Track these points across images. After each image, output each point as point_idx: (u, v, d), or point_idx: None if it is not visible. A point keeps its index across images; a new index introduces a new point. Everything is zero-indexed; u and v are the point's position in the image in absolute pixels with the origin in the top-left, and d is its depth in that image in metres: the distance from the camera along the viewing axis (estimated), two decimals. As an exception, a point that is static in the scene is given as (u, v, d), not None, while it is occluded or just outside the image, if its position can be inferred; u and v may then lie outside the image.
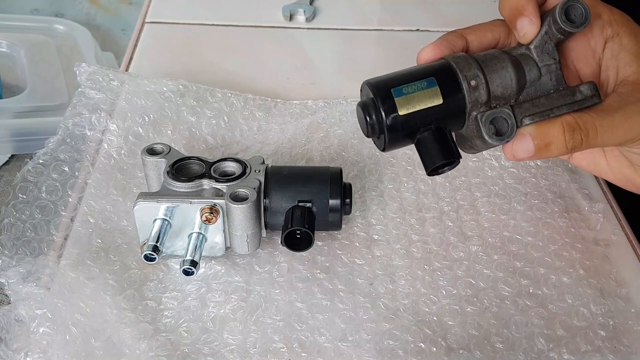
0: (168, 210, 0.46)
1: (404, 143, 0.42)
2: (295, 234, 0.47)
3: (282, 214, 0.48)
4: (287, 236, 0.47)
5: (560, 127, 0.41)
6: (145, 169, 0.50)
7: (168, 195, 0.46)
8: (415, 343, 0.44)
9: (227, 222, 0.46)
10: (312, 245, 0.47)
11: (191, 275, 0.44)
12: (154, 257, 0.44)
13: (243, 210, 0.45)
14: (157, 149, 0.50)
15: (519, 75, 0.42)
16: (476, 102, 0.42)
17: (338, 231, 0.51)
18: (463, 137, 0.44)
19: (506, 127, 0.42)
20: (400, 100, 0.41)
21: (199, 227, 0.46)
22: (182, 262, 0.44)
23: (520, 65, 0.43)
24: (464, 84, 0.41)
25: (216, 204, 0.45)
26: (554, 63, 0.43)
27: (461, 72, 0.41)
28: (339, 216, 0.49)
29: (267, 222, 0.49)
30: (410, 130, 0.41)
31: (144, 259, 0.44)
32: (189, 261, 0.44)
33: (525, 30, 0.43)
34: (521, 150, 0.42)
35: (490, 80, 0.42)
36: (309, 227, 0.46)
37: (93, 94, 0.61)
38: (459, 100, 0.41)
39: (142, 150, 0.49)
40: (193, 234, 0.46)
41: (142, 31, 0.77)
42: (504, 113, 0.42)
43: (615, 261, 0.52)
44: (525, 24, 0.43)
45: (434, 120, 0.41)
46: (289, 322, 0.45)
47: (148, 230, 0.45)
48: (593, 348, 0.45)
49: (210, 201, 0.45)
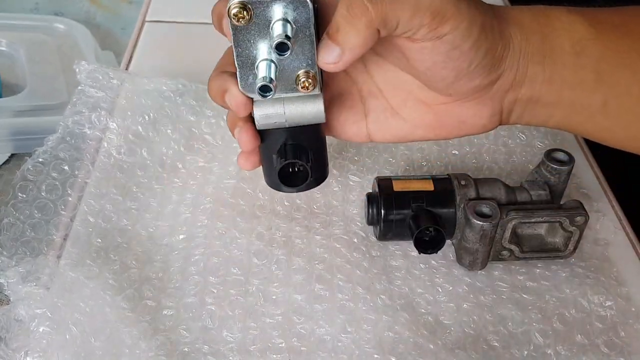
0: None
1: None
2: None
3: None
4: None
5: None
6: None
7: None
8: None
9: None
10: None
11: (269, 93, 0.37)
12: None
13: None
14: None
15: None
16: None
17: (338, 230, 0.52)
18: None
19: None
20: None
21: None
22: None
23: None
24: None
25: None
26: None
27: None
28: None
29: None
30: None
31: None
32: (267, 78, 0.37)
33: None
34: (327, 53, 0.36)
35: None
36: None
37: (93, 92, 0.61)
38: None
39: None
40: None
41: (142, 30, 0.77)
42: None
43: (615, 260, 0.52)
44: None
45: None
46: (287, 315, 0.45)
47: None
48: (592, 347, 0.45)
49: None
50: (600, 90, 0.40)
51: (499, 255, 0.48)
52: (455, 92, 0.40)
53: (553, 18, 0.40)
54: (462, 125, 0.43)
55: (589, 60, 0.40)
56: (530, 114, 0.42)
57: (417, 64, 0.39)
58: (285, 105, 0.39)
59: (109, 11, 1.87)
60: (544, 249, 0.49)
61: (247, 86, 0.38)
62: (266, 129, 0.40)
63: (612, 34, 0.40)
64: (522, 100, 0.41)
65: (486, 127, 0.43)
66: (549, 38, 0.40)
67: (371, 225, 0.50)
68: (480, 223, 0.45)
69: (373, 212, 0.49)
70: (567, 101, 0.41)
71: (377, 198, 0.48)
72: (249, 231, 0.51)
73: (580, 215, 0.47)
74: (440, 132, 0.43)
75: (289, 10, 0.36)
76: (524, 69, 0.40)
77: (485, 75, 0.39)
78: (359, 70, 0.43)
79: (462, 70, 0.38)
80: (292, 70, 0.38)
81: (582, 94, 0.40)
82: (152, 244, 0.50)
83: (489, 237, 0.46)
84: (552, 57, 0.40)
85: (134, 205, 0.53)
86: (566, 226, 0.47)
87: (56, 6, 1.85)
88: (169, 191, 0.55)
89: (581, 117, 0.41)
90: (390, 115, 0.44)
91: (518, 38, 0.39)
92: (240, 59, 0.38)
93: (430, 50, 0.37)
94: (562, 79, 0.40)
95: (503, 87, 0.40)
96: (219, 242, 0.50)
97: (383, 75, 0.43)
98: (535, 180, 0.50)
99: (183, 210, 0.53)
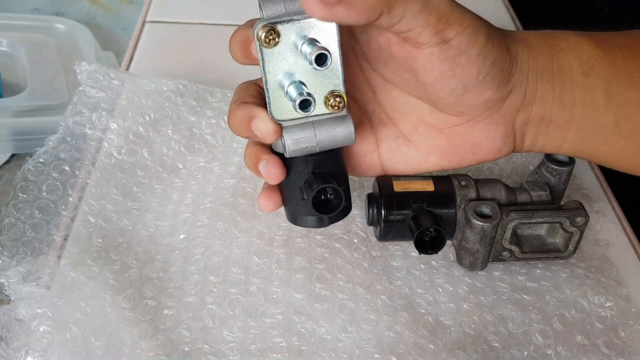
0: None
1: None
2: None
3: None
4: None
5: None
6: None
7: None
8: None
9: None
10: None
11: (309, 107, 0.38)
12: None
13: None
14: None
15: None
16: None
17: (338, 230, 0.52)
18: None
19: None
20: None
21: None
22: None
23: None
24: None
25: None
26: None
27: None
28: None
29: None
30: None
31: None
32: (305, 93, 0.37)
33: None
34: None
35: None
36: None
37: (94, 92, 0.61)
38: None
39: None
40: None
41: (143, 31, 0.77)
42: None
43: (615, 261, 0.52)
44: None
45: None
46: (288, 314, 0.46)
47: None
48: (593, 348, 0.45)
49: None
50: (611, 109, 0.40)
51: (499, 255, 0.48)
52: (466, 108, 0.40)
53: (559, 39, 0.41)
54: (475, 149, 0.42)
55: (599, 80, 0.40)
56: (543, 137, 0.42)
57: (425, 75, 0.38)
58: (315, 128, 0.39)
59: (109, 12, 1.87)
60: (544, 250, 0.49)
61: (277, 110, 0.38)
62: (296, 155, 0.40)
63: (619, 54, 0.40)
64: (534, 121, 0.41)
65: (501, 150, 0.42)
66: (557, 57, 0.40)
67: (371, 225, 0.50)
68: (480, 223, 0.45)
69: (373, 212, 0.49)
70: (579, 122, 0.40)
71: (377, 198, 0.48)
72: (250, 230, 0.51)
73: (581, 216, 0.47)
74: (454, 157, 0.43)
75: (316, 28, 0.36)
76: (534, 86, 0.40)
77: (495, 88, 0.39)
78: (368, 99, 0.44)
79: (471, 79, 0.38)
80: (320, 91, 0.38)
81: (594, 114, 0.40)
82: (153, 244, 0.50)
83: (489, 237, 0.46)
84: (560, 75, 0.40)
85: (135, 206, 0.53)
86: (566, 227, 0.47)
87: (57, 6, 1.85)
88: (169, 191, 0.55)
89: (595, 139, 0.41)
90: (402, 143, 0.44)
91: (525, 56, 0.39)
92: (270, 84, 0.37)
93: (437, 57, 0.37)
94: (572, 98, 0.40)
95: (514, 105, 0.40)
96: (219, 241, 0.50)
97: (392, 101, 0.43)
98: (535, 181, 0.50)
99: (183, 210, 0.53)
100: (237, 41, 0.38)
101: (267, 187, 0.43)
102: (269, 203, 0.42)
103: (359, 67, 0.43)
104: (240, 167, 0.57)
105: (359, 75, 0.43)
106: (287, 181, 0.41)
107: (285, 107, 0.38)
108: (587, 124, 0.41)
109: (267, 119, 0.38)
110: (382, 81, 0.43)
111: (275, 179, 0.40)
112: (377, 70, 0.42)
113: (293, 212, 0.43)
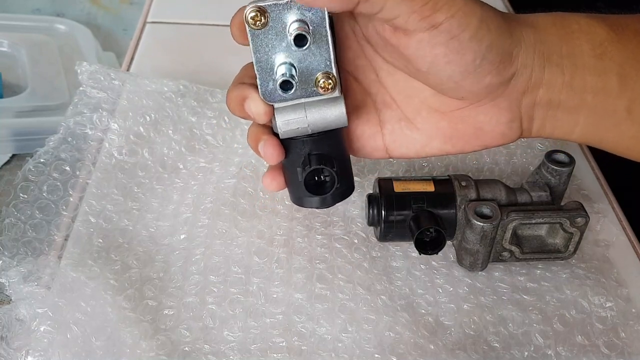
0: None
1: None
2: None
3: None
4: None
5: None
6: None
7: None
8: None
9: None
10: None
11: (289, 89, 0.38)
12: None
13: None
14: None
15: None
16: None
17: (339, 230, 0.52)
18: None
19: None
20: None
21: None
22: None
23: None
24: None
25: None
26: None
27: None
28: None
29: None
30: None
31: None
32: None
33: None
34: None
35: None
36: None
37: (94, 93, 0.61)
38: None
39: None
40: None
41: (144, 31, 0.77)
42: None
43: (615, 261, 0.52)
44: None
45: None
46: (288, 314, 0.46)
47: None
48: (593, 348, 0.45)
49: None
50: (624, 95, 0.39)
51: (499, 256, 0.49)
52: (467, 93, 0.40)
53: (571, 21, 0.39)
54: (479, 133, 0.42)
55: (612, 64, 0.39)
56: (552, 120, 0.41)
57: (419, 62, 0.38)
58: (306, 110, 0.39)
59: (110, 12, 1.88)
60: (545, 250, 0.49)
61: (267, 92, 0.38)
62: (290, 137, 0.40)
63: (634, 39, 0.39)
64: (542, 105, 0.40)
65: (506, 135, 0.41)
66: (567, 39, 0.39)
67: (372, 226, 0.50)
68: (480, 224, 0.45)
69: (374, 212, 0.49)
70: (590, 107, 0.39)
71: (377, 199, 0.48)
72: (250, 230, 0.51)
73: (581, 217, 0.47)
74: (458, 142, 0.42)
75: (304, 11, 0.36)
76: (540, 69, 0.39)
77: (494, 73, 0.38)
78: (371, 80, 0.43)
79: (468, 65, 0.37)
80: (310, 73, 0.38)
81: (606, 100, 0.39)
82: (153, 244, 0.50)
83: (490, 238, 0.46)
84: (571, 59, 0.39)
85: (135, 206, 0.53)
86: (567, 227, 0.47)
87: (58, 7, 1.86)
88: (170, 191, 0.55)
89: (606, 124, 0.40)
90: (405, 126, 0.43)
91: (531, 38, 0.38)
92: (260, 65, 0.38)
93: (428, 42, 0.36)
94: (583, 82, 0.39)
95: (518, 88, 0.39)
96: (219, 241, 0.51)
97: (395, 84, 0.43)
98: (535, 182, 0.50)
99: (184, 210, 0.53)
100: (235, 21, 0.39)
101: (272, 167, 0.43)
102: (272, 182, 0.43)
103: (361, 48, 0.42)
104: (240, 167, 0.57)
105: (361, 56, 0.43)
106: (287, 162, 0.42)
107: (276, 88, 0.39)
108: (599, 109, 0.39)
109: (257, 99, 0.39)
110: (385, 63, 0.42)
111: (272, 159, 0.40)
112: (379, 52, 0.42)
113: (296, 194, 0.43)
